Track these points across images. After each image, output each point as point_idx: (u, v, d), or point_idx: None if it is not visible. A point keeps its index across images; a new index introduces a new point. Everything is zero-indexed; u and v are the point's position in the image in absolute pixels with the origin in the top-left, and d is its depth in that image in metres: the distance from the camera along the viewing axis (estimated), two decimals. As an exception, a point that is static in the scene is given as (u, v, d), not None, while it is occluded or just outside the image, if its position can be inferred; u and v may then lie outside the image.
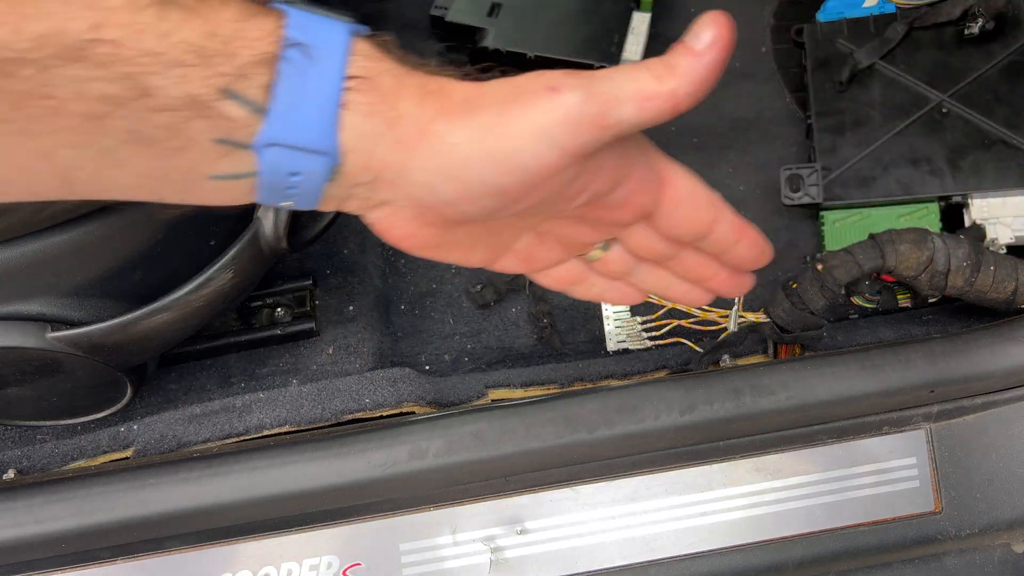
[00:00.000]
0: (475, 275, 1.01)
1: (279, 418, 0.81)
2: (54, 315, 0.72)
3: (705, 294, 0.54)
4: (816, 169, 0.95)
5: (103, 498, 0.72)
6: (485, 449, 0.72)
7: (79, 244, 0.69)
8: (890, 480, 0.76)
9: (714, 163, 1.06)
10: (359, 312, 0.94)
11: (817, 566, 0.76)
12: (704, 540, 0.75)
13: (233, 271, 0.76)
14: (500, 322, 0.99)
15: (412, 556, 0.74)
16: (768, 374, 0.74)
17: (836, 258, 0.81)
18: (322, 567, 0.74)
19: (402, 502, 0.74)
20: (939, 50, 0.97)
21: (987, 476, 0.76)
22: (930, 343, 0.75)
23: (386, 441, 0.73)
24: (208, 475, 0.72)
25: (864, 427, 0.76)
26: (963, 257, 0.80)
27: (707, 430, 0.73)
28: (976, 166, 0.91)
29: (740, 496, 0.75)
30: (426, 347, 0.98)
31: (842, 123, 0.97)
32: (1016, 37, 0.95)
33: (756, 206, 1.03)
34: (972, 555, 0.77)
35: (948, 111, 0.95)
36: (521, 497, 0.75)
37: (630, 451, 0.74)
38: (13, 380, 0.77)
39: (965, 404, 0.76)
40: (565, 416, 0.73)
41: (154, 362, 0.88)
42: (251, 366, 0.92)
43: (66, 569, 0.74)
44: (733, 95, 1.10)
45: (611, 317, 0.91)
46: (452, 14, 1.11)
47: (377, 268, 1.00)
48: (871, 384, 0.73)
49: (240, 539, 0.74)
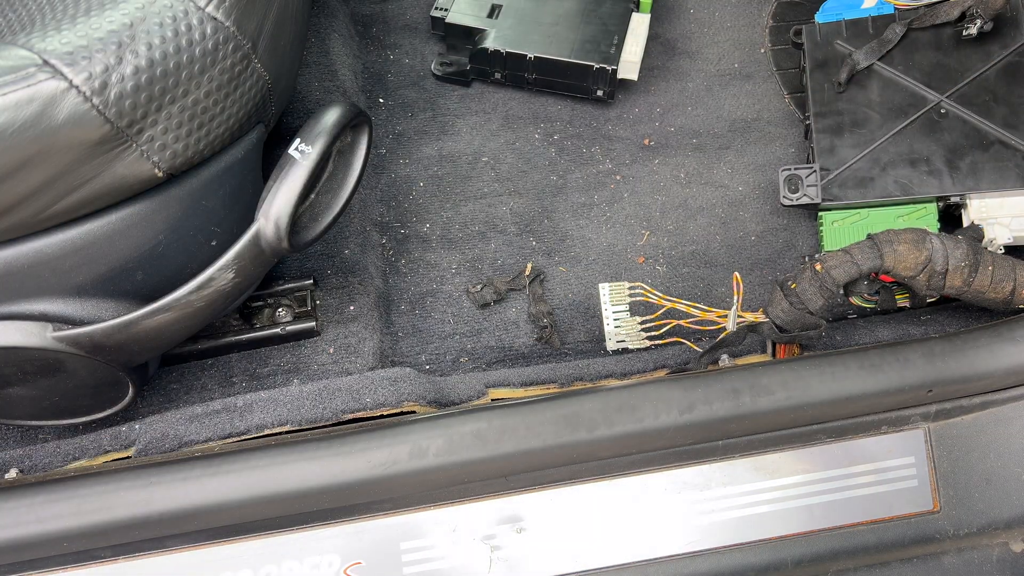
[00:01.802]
0: (475, 275, 1.02)
1: (280, 417, 0.81)
2: (56, 315, 0.73)
3: None
4: (815, 170, 0.95)
5: (104, 497, 0.72)
6: (485, 448, 0.72)
7: (81, 244, 0.70)
8: (889, 479, 0.76)
9: (713, 164, 1.07)
10: (360, 312, 0.95)
11: (816, 565, 0.76)
12: (703, 538, 0.75)
13: (234, 271, 0.76)
14: (500, 322, 0.99)
15: (413, 555, 0.74)
16: (767, 374, 0.74)
17: (834, 258, 0.81)
18: (323, 566, 0.74)
19: (402, 501, 0.75)
20: (937, 51, 0.97)
21: (985, 475, 0.77)
22: (928, 343, 0.75)
23: (386, 440, 0.73)
24: (209, 474, 0.72)
25: (863, 427, 0.76)
26: (961, 257, 0.80)
27: (706, 429, 0.74)
28: (974, 166, 0.92)
29: (739, 495, 0.76)
30: (426, 347, 0.98)
31: (840, 124, 0.97)
32: (1014, 38, 0.95)
33: (755, 207, 1.04)
34: (970, 554, 0.77)
35: (946, 112, 0.95)
36: (521, 496, 0.75)
37: (629, 450, 0.74)
38: (15, 380, 0.77)
39: (963, 404, 0.76)
40: (565, 416, 0.73)
41: (155, 362, 0.89)
42: (252, 366, 0.92)
43: (68, 568, 0.74)
44: (732, 96, 1.11)
45: (611, 317, 0.91)
46: (452, 15, 1.12)
47: (377, 268, 1.01)
48: (869, 384, 0.74)
49: (241, 538, 0.74)
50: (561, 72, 1.07)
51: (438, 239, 1.04)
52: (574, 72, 1.07)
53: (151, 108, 0.65)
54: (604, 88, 1.07)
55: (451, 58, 1.13)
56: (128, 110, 0.63)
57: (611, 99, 1.09)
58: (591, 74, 1.06)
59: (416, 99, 1.13)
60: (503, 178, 1.07)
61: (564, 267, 1.02)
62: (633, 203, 1.05)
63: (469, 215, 1.05)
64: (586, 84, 1.08)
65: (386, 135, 1.10)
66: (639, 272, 1.01)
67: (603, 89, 1.07)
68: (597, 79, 1.06)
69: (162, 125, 0.66)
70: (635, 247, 1.03)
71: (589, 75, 1.06)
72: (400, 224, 1.05)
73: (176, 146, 0.68)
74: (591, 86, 1.08)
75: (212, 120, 0.70)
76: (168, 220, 0.72)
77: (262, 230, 0.76)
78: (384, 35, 1.18)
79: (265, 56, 0.73)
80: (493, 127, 1.11)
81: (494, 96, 1.13)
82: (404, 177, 1.08)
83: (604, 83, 1.07)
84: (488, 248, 1.03)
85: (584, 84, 1.08)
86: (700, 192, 1.05)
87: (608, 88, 1.07)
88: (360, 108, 0.83)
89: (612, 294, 0.91)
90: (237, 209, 0.78)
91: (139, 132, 0.65)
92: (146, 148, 0.66)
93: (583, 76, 1.07)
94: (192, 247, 0.76)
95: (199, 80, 0.67)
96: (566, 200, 1.06)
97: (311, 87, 1.04)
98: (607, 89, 1.07)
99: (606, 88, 1.07)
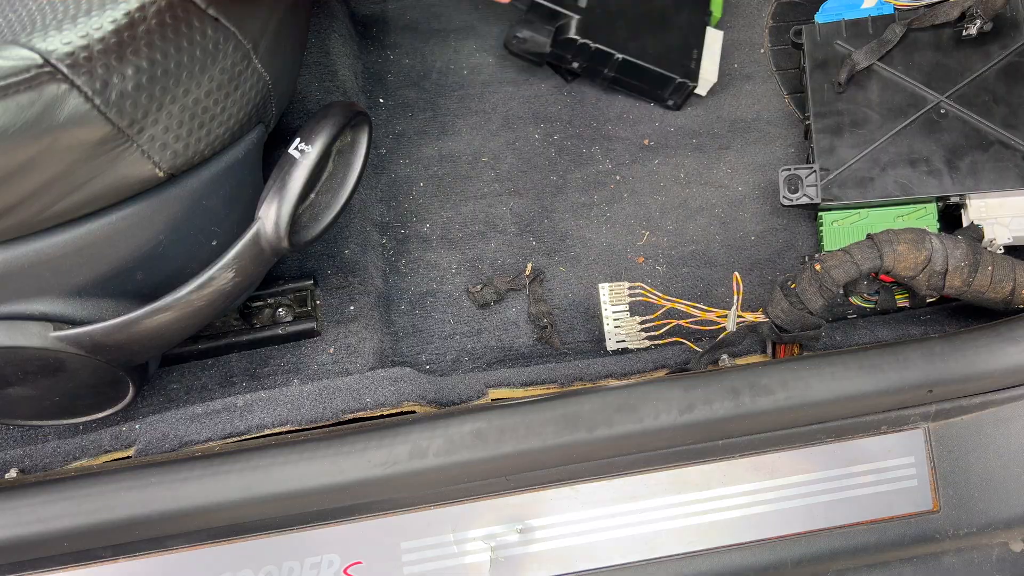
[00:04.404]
0: (475, 275, 1.02)
1: (280, 417, 0.82)
2: (56, 315, 0.73)
3: None
4: (814, 170, 0.95)
5: (105, 497, 0.72)
6: (485, 448, 0.72)
7: (81, 244, 0.70)
8: (888, 479, 0.76)
9: (713, 164, 1.07)
10: (360, 312, 0.95)
11: (815, 564, 0.76)
12: (703, 538, 0.76)
13: (235, 271, 0.76)
14: (500, 322, 0.99)
15: (413, 555, 0.74)
16: (767, 374, 0.74)
17: (834, 258, 0.81)
18: (323, 566, 0.74)
19: (403, 501, 0.75)
20: (937, 51, 0.97)
21: (985, 475, 0.77)
22: (928, 343, 0.75)
23: (387, 440, 0.73)
24: (209, 474, 0.72)
25: (862, 426, 0.76)
26: (961, 257, 0.80)
27: (706, 429, 0.74)
28: (974, 167, 0.92)
29: (739, 495, 0.76)
30: (426, 347, 0.98)
31: (840, 124, 0.97)
32: (1014, 38, 0.95)
33: (754, 207, 1.04)
34: (970, 554, 0.77)
35: (946, 112, 0.95)
36: (521, 496, 0.75)
37: (629, 450, 0.74)
38: (16, 380, 0.77)
39: (963, 404, 0.76)
40: (565, 415, 0.73)
41: (156, 362, 0.89)
42: (252, 366, 0.92)
43: (68, 567, 0.74)
44: (731, 96, 1.11)
45: (610, 317, 0.91)
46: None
47: (378, 268, 1.01)
48: (869, 384, 0.74)
49: (241, 538, 0.74)
50: (641, 77, 1.08)
51: (438, 239, 1.04)
52: (654, 80, 1.07)
53: (152, 108, 0.65)
54: (677, 99, 1.09)
55: (527, 34, 1.08)
56: (129, 110, 0.63)
57: (678, 109, 1.10)
58: (671, 86, 1.07)
59: (416, 99, 1.13)
60: (503, 178, 1.08)
61: (564, 267, 1.02)
62: (633, 203, 1.05)
63: (469, 215, 1.05)
64: (660, 92, 1.09)
65: (386, 135, 1.10)
66: (639, 272, 1.01)
67: (675, 100, 1.09)
68: (674, 91, 1.08)
69: (163, 125, 0.66)
70: (635, 247, 1.03)
71: (669, 86, 1.07)
72: (400, 224, 1.05)
73: (177, 146, 0.68)
74: (664, 94, 1.09)
75: (213, 120, 0.70)
76: (168, 220, 0.72)
77: (262, 229, 0.76)
78: (384, 35, 1.18)
79: (265, 56, 0.73)
80: (493, 127, 1.11)
81: (494, 96, 1.13)
82: (404, 177, 1.08)
83: (679, 96, 1.08)
84: (488, 248, 1.03)
85: (658, 91, 1.09)
86: (700, 192, 1.05)
87: (680, 100, 1.09)
88: (360, 108, 0.83)
89: (612, 294, 0.91)
90: (237, 209, 0.78)
91: (140, 132, 0.65)
92: (147, 148, 0.66)
93: (662, 85, 1.08)
94: (192, 247, 0.76)
95: (199, 80, 0.67)
96: (566, 200, 1.06)
97: (311, 87, 1.04)
98: (679, 100, 1.09)
99: (678, 100, 1.09)
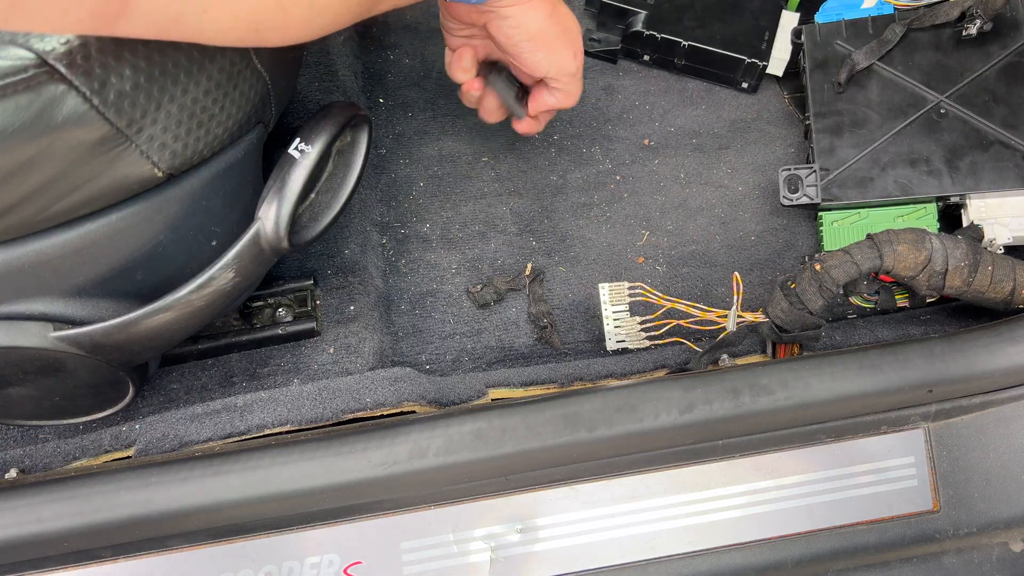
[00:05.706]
0: (475, 275, 1.02)
1: (280, 417, 0.81)
2: (56, 315, 0.72)
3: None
4: (814, 170, 0.95)
5: (105, 497, 0.72)
6: (485, 448, 0.72)
7: (81, 244, 0.70)
8: (888, 479, 0.76)
9: (712, 164, 1.07)
10: (360, 312, 0.95)
11: (815, 564, 0.76)
12: (703, 538, 0.75)
13: (234, 270, 0.76)
14: (500, 322, 0.99)
15: (413, 555, 0.74)
16: (767, 374, 0.74)
17: (834, 258, 0.81)
18: (323, 565, 0.74)
19: (403, 501, 0.75)
20: (937, 51, 0.97)
21: (985, 475, 0.77)
22: (928, 343, 0.75)
23: (387, 440, 0.73)
24: (209, 474, 0.72)
25: (862, 426, 0.76)
26: (961, 257, 0.80)
27: (706, 429, 0.74)
28: (974, 167, 0.92)
29: (739, 495, 0.76)
30: (426, 347, 0.98)
31: (840, 124, 0.97)
32: (1014, 38, 0.95)
33: (754, 207, 1.04)
34: (970, 554, 0.77)
35: (946, 112, 0.95)
36: (521, 496, 0.75)
37: (629, 450, 0.74)
38: (15, 380, 0.77)
39: (963, 404, 0.76)
40: (565, 416, 0.73)
41: (156, 362, 0.89)
42: (252, 366, 0.92)
43: (68, 568, 0.74)
44: (731, 96, 1.11)
45: (610, 317, 0.91)
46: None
47: (378, 268, 1.01)
48: (869, 384, 0.74)
49: (241, 538, 0.74)
50: (710, 61, 1.09)
51: (438, 239, 1.04)
52: (724, 63, 1.08)
53: (150, 107, 0.64)
54: (750, 81, 1.10)
55: (600, 35, 1.13)
56: (127, 109, 0.63)
57: (754, 92, 1.11)
58: (741, 67, 1.08)
59: (416, 99, 1.13)
60: (503, 178, 1.07)
61: (564, 267, 1.02)
62: (633, 203, 1.05)
63: (469, 215, 1.05)
64: (733, 75, 1.09)
65: (386, 135, 1.10)
66: (639, 272, 1.01)
67: (749, 82, 1.10)
68: (746, 72, 1.08)
69: (161, 124, 0.66)
70: (635, 247, 1.03)
71: (739, 68, 1.08)
72: (400, 224, 1.05)
73: (176, 146, 0.68)
74: (738, 78, 1.09)
75: (212, 120, 0.70)
76: (168, 220, 0.72)
77: (262, 229, 0.76)
78: (384, 35, 1.17)
79: (265, 56, 0.73)
80: (493, 127, 1.11)
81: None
82: (404, 177, 1.08)
83: (752, 77, 1.09)
84: (488, 248, 1.03)
85: (731, 75, 1.10)
86: (700, 192, 1.05)
87: (754, 82, 1.10)
88: (360, 107, 0.83)
89: (612, 294, 0.91)
90: (237, 209, 0.78)
91: (139, 132, 0.65)
92: (146, 148, 0.66)
93: (732, 68, 1.09)
94: (192, 247, 0.76)
95: (198, 79, 0.67)
96: (566, 200, 1.06)
97: (311, 87, 1.04)
98: (753, 83, 1.10)
99: (752, 82, 1.10)
